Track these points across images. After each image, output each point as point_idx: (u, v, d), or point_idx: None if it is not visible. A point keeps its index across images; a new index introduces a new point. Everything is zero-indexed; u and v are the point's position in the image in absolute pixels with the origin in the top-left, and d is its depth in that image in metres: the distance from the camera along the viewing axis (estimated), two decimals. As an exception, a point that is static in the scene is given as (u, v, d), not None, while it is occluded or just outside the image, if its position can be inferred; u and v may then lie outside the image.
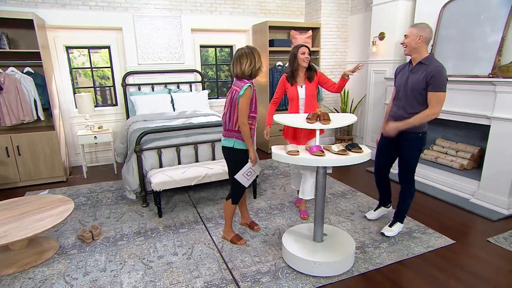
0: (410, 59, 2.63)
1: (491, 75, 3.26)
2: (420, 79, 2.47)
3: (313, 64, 3.12)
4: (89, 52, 5.02)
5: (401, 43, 2.62)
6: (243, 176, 2.59)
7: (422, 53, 2.51)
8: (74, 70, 5.08)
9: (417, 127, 2.56)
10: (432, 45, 3.90)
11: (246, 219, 3.09)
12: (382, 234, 2.87)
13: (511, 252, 2.61)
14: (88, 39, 4.84)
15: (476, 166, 3.79)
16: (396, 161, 2.85)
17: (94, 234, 2.88)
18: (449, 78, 3.55)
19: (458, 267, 2.43)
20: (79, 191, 4.05)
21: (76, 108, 4.75)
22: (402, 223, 2.90)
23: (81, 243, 2.84)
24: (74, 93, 4.94)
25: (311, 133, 3.04)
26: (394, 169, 3.10)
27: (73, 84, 4.96)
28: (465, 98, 3.52)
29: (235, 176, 2.58)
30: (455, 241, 2.77)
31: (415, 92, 2.52)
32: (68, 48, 4.84)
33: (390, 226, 2.89)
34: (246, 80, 2.44)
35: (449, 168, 3.86)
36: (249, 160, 2.57)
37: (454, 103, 3.63)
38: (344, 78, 2.93)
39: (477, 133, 3.79)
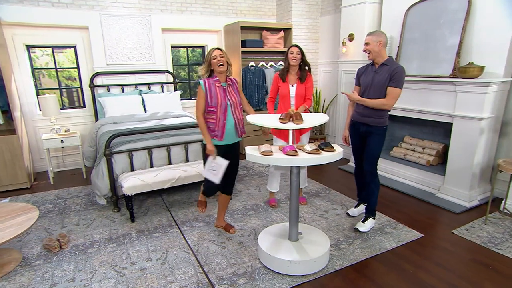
0: (372, 62, 2.88)
1: (451, 76, 3.44)
2: (385, 78, 2.73)
3: (307, 67, 3.20)
4: (53, 52, 4.78)
5: (364, 51, 2.86)
6: (208, 171, 2.62)
7: (384, 56, 2.81)
8: (37, 70, 4.82)
9: (382, 122, 2.84)
10: (398, 46, 4.05)
11: (221, 222, 3.07)
12: (356, 229, 2.96)
13: (473, 242, 2.77)
14: (52, 38, 4.61)
15: (441, 162, 3.98)
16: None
17: (62, 242, 2.74)
18: (414, 78, 3.76)
19: (426, 259, 2.54)
20: (45, 197, 3.85)
21: (40, 110, 4.51)
22: (374, 218, 3.02)
23: (47, 253, 2.70)
24: (38, 94, 4.70)
25: (301, 130, 3.17)
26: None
27: (36, 85, 4.71)
28: (429, 97, 3.68)
29: (202, 173, 2.67)
30: (423, 235, 2.89)
31: (382, 89, 2.77)
32: (29, 47, 4.58)
33: (363, 221, 3.00)
34: (204, 78, 2.63)
35: (417, 164, 4.03)
36: (206, 152, 2.63)
37: (419, 102, 3.79)
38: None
39: (442, 130, 3.98)
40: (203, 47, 5.83)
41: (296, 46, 3.13)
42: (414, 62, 3.87)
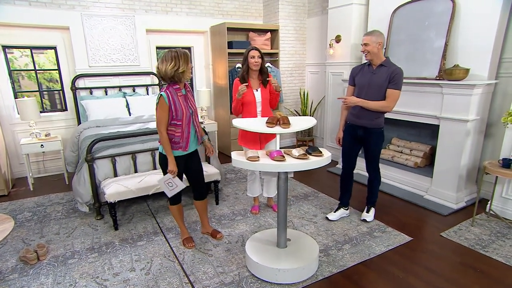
0: (369, 62, 2.86)
1: (438, 78, 3.44)
2: (384, 79, 2.73)
3: (267, 67, 3.08)
4: (31, 53, 4.60)
5: (362, 51, 2.82)
6: (164, 184, 2.53)
7: (381, 57, 2.79)
8: (15, 72, 4.63)
9: (380, 123, 2.86)
10: (385, 48, 4.05)
11: (207, 228, 3.00)
12: (364, 220, 3.15)
13: (461, 245, 2.77)
14: (30, 39, 4.44)
15: (428, 163, 3.99)
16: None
17: (40, 253, 2.61)
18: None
19: (415, 264, 2.52)
20: (24, 205, 3.69)
21: (19, 114, 4.33)
22: (375, 207, 3.24)
23: (23, 266, 2.56)
24: (16, 97, 4.51)
25: (268, 135, 3.02)
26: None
27: (13, 88, 4.52)
28: (416, 99, 3.68)
29: (157, 180, 2.57)
30: (412, 238, 2.87)
31: (380, 90, 2.76)
32: (5, 47, 4.39)
33: (367, 212, 3.18)
34: (165, 87, 2.41)
35: (405, 166, 4.02)
36: (168, 171, 2.49)
37: (407, 104, 3.79)
38: (277, 91, 3.00)
39: (429, 132, 4.00)
40: (189, 48, 5.73)
41: (256, 49, 2.93)
42: (401, 64, 3.81)
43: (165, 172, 2.55)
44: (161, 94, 2.37)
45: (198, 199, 2.84)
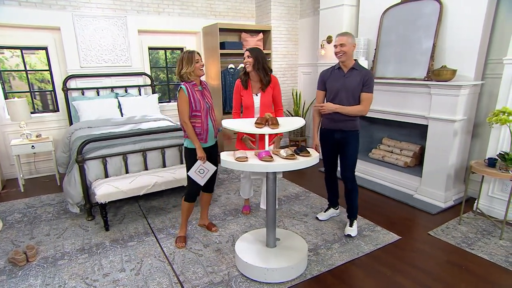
0: (338, 66, 2.82)
1: (426, 78, 3.49)
2: (357, 83, 2.72)
3: (269, 70, 2.89)
4: (22, 54, 4.58)
5: (337, 52, 2.71)
6: (196, 174, 2.65)
7: (353, 60, 2.78)
8: (6, 72, 4.60)
9: (356, 125, 2.83)
10: (375, 49, 4.09)
11: (204, 220, 3.11)
12: (349, 235, 2.92)
13: (448, 243, 2.81)
14: (20, 39, 4.42)
15: (418, 163, 4.04)
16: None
17: (29, 255, 2.60)
18: (391, 81, 3.81)
19: (403, 262, 2.56)
20: (14, 206, 3.67)
21: (9, 115, 4.31)
22: (356, 218, 3.05)
23: (12, 267, 2.56)
24: (6, 98, 4.49)
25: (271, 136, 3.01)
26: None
27: (4, 88, 4.49)
28: (406, 100, 3.73)
29: (188, 173, 2.68)
30: (400, 237, 2.91)
31: (355, 93, 2.75)
32: (-6, 48, 4.38)
33: (351, 226, 2.99)
34: (182, 83, 2.60)
35: (395, 166, 4.07)
36: (198, 158, 2.63)
37: (397, 104, 3.83)
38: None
39: (418, 132, 4.04)
40: (181, 49, 5.73)
41: (248, 49, 2.81)
42: (391, 64, 3.91)
43: (191, 165, 2.65)
44: (180, 87, 2.55)
45: (207, 192, 3.00)
